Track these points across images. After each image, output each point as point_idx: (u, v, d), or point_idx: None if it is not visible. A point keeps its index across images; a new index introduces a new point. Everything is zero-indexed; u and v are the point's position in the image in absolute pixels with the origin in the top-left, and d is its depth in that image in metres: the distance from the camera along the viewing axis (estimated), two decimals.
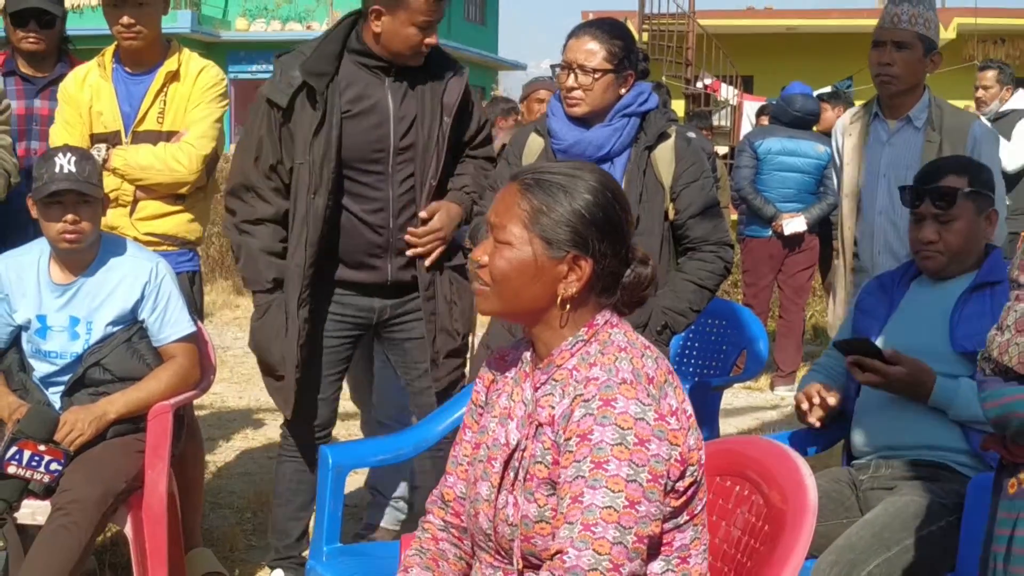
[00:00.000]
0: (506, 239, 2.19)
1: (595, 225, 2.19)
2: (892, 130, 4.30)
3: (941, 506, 3.10)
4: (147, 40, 4.23)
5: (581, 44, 3.66)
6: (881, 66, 4.25)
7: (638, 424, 2.05)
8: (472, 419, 2.43)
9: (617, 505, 2.01)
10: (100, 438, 3.69)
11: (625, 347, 2.19)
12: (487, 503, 2.25)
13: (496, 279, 2.21)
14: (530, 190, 2.20)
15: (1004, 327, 2.30)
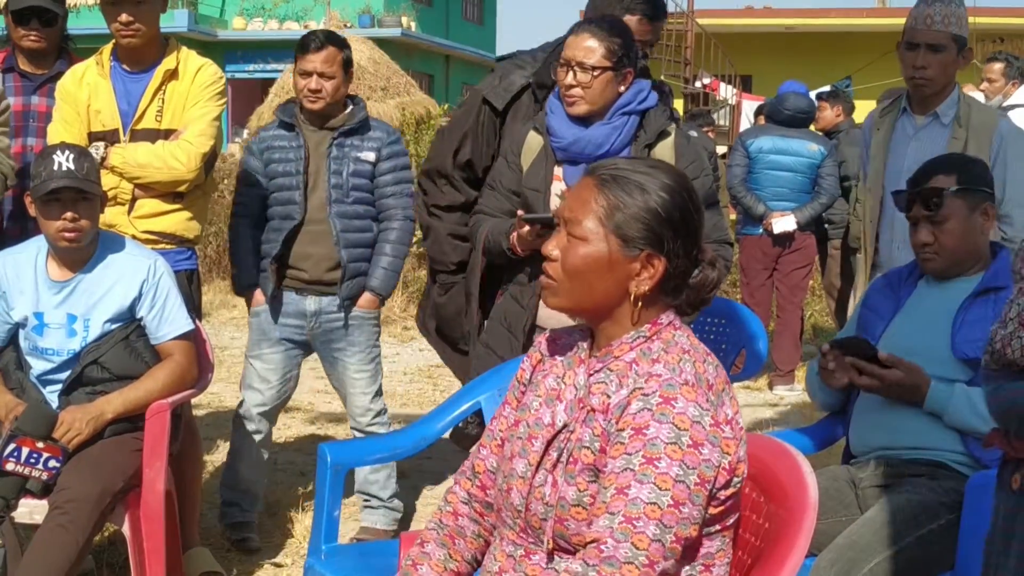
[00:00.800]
0: (581, 234, 2.19)
1: (670, 224, 2.19)
2: (919, 125, 4.29)
3: (940, 504, 3.09)
4: (145, 38, 4.22)
5: (580, 41, 3.65)
6: (916, 69, 4.21)
7: (695, 427, 2.05)
8: (514, 396, 2.43)
9: (662, 503, 2.01)
10: (98, 437, 3.68)
11: (689, 350, 2.19)
12: (522, 480, 2.24)
13: (569, 273, 2.21)
14: (607, 186, 2.20)
15: (1007, 320, 2.30)
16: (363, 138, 4.72)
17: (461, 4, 34.01)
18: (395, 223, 4.76)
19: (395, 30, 27.37)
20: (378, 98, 15.42)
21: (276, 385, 4.79)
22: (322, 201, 4.63)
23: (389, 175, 4.76)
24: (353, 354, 4.81)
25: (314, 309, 4.72)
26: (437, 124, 14.51)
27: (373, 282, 4.74)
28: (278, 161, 4.64)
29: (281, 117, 4.69)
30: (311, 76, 4.58)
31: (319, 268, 4.67)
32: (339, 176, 4.63)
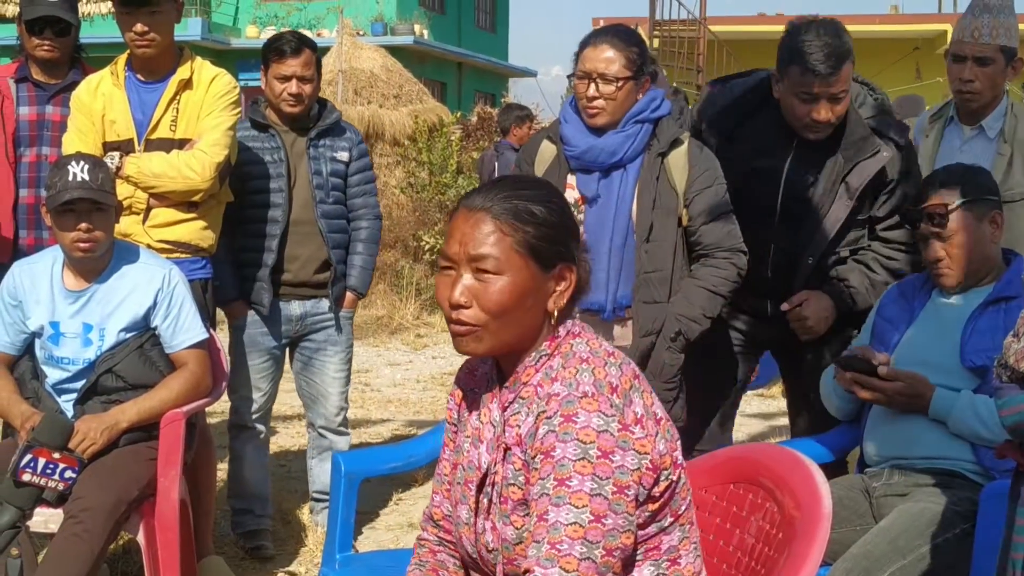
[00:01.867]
0: (496, 268, 2.11)
1: (568, 231, 2.18)
2: (966, 138, 4.27)
3: (955, 513, 3.09)
4: (160, 48, 4.23)
5: (599, 53, 3.64)
6: (963, 83, 4.19)
7: (601, 437, 2.02)
8: (449, 437, 2.39)
9: (582, 520, 1.98)
10: (112, 446, 3.69)
11: (587, 358, 2.14)
12: (467, 527, 2.24)
13: (494, 312, 2.11)
14: (505, 214, 2.13)
15: (1021, 334, 2.29)
16: (336, 138, 4.76)
17: (473, 12, 34.02)
18: (365, 222, 4.83)
19: (408, 38, 27.40)
20: (391, 106, 15.44)
21: (267, 390, 4.83)
22: (306, 202, 4.63)
23: (359, 175, 4.83)
24: (334, 354, 4.85)
25: (299, 313, 4.74)
26: (449, 132, 14.52)
27: (352, 281, 4.80)
28: (253, 163, 4.60)
29: (253, 117, 4.67)
30: (290, 80, 4.58)
31: (307, 270, 4.69)
32: (320, 176, 4.66)
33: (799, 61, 3.63)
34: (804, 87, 3.66)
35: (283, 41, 4.64)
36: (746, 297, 3.96)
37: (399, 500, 5.59)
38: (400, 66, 16.85)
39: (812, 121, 3.71)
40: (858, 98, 3.87)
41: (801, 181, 3.83)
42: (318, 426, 4.95)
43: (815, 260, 3.86)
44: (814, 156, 3.81)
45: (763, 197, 3.86)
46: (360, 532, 5.09)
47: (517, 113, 10.59)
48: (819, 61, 3.60)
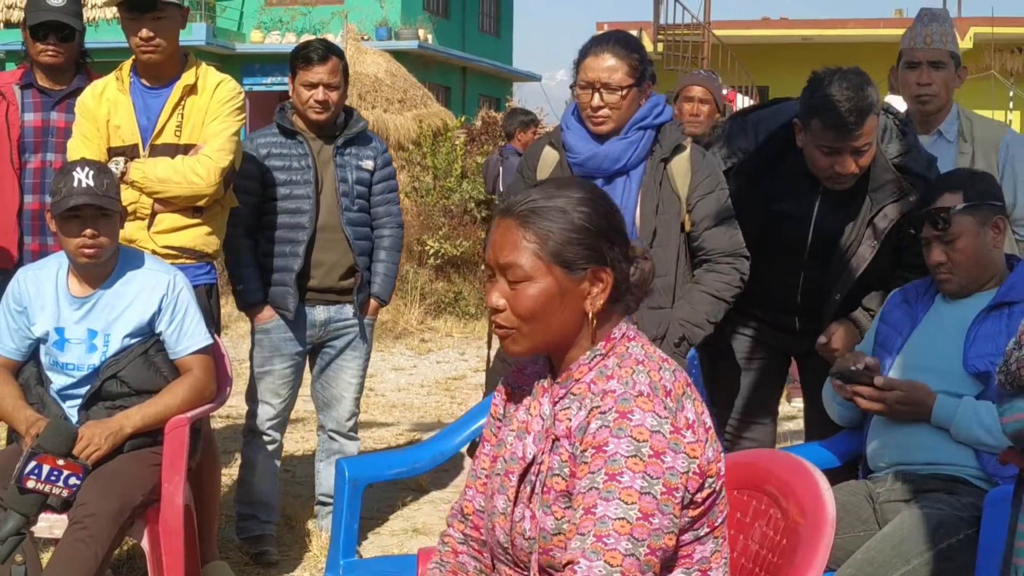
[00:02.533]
0: (523, 275, 2.17)
1: (601, 234, 2.19)
2: (926, 145, 4.30)
3: (959, 519, 3.08)
4: (165, 53, 4.24)
5: (601, 62, 3.64)
6: (921, 87, 4.29)
7: (654, 436, 2.05)
8: (491, 432, 2.43)
9: (630, 517, 2.00)
10: (117, 452, 3.69)
11: (643, 360, 2.19)
12: (503, 516, 2.25)
13: (525, 317, 2.19)
14: (529, 220, 2.18)
15: (1022, 342, 2.29)
16: (362, 147, 4.79)
17: (478, 16, 34.02)
18: (388, 230, 4.87)
19: (412, 43, 27.40)
20: (395, 110, 15.47)
21: (287, 397, 4.83)
22: (331, 208, 4.66)
23: (383, 183, 4.87)
24: (352, 360, 4.89)
25: (324, 318, 4.76)
26: (454, 136, 14.53)
27: (376, 288, 4.84)
28: (281, 169, 4.63)
29: (281, 124, 4.69)
30: (317, 88, 4.61)
31: (332, 276, 4.71)
32: (346, 184, 4.68)
33: (820, 116, 3.59)
34: (826, 141, 3.62)
35: (310, 49, 4.67)
36: (774, 314, 4.02)
37: (404, 505, 5.59)
38: (404, 71, 16.88)
39: (835, 173, 3.67)
40: (885, 134, 3.82)
41: (829, 225, 3.83)
42: (329, 429, 4.97)
43: (842, 296, 3.86)
44: (842, 199, 3.79)
45: (792, 238, 3.87)
46: (365, 538, 5.09)
47: (521, 118, 10.59)
48: (841, 117, 3.55)
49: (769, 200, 3.88)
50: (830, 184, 3.75)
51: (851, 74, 3.63)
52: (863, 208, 3.78)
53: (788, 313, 4.00)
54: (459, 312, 11.78)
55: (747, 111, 4.24)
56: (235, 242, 4.66)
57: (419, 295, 11.69)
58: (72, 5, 4.61)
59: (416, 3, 29.55)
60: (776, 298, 3.98)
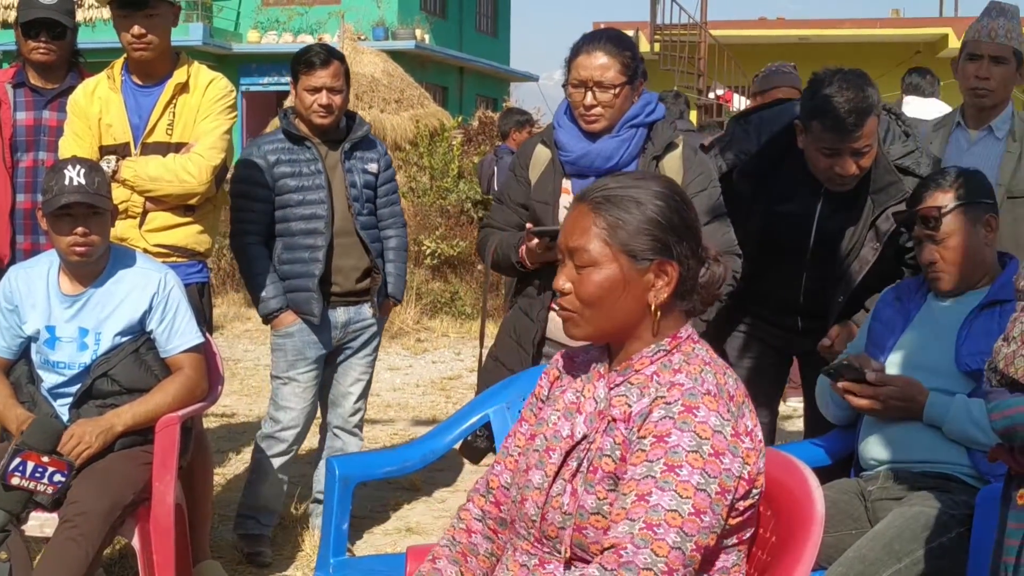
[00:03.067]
0: (590, 260, 2.20)
1: (672, 229, 2.21)
2: (973, 139, 4.29)
3: (950, 517, 3.07)
4: (157, 51, 4.23)
5: (593, 60, 3.62)
6: (979, 80, 4.25)
7: (716, 436, 2.06)
8: (531, 412, 2.44)
9: (683, 510, 2.01)
10: (108, 450, 3.69)
11: (709, 362, 2.21)
12: (538, 491, 2.25)
13: (587, 302, 2.21)
14: (602, 207, 2.21)
15: (1011, 338, 2.29)
16: (367, 150, 4.82)
17: (475, 16, 34.04)
18: (393, 230, 4.93)
19: (409, 43, 27.42)
20: (392, 110, 15.46)
21: (310, 403, 4.85)
22: (344, 213, 4.67)
23: (387, 185, 4.91)
24: (363, 357, 4.92)
25: (344, 320, 4.79)
26: (450, 136, 14.52)
27: (391, 289, 4.91)
28: (291, 175, 4.64)
29: (288, 129, 4.70)
30: (320, 92, 4.60)
31: (350, 279, 4.75)
32: (355, 188, 4.70)
33: (820, 117, 3.59)
34: (826, 142, 3.61)
35: (312, 53, 4.67)
36: (777, 314, 4.01)
37: (397, 504, 5.58)
38: (401, 71, 16.87)
39: (836, 175, 3.67)
40: (888, 135, 3.82)
41: (831, 227, 3.83)
42: (333, 426, 4.99)
43: (845, 298, 3.85)
44: (844, 201, 3.79)
45: (795, 240, 3.87)
46: (359, 537, 5.09)
47: (516, 118, 10.57)
48: (841, 118, 3.55)
49: (771, 201, 3.88)
50: (831, 186, 3.74)
51: (851, 75, 3.62)
52: (865, 210, 3.77)
53: (791, 313, 4.01)
54: (455, 312, 11.77)
55: (749, 112, 4.23)
56: (250, 250, 4.67)
57: (415, 295, 11.69)
58: (64, 3, 4.61)
59: (413, 3, 29.56)
60: (779, 298, 3.98)
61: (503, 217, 3.87)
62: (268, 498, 4.82)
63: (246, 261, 4.70)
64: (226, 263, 11.87)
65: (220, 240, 9.89)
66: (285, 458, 4.83)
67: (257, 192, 4.63)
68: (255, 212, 4.64)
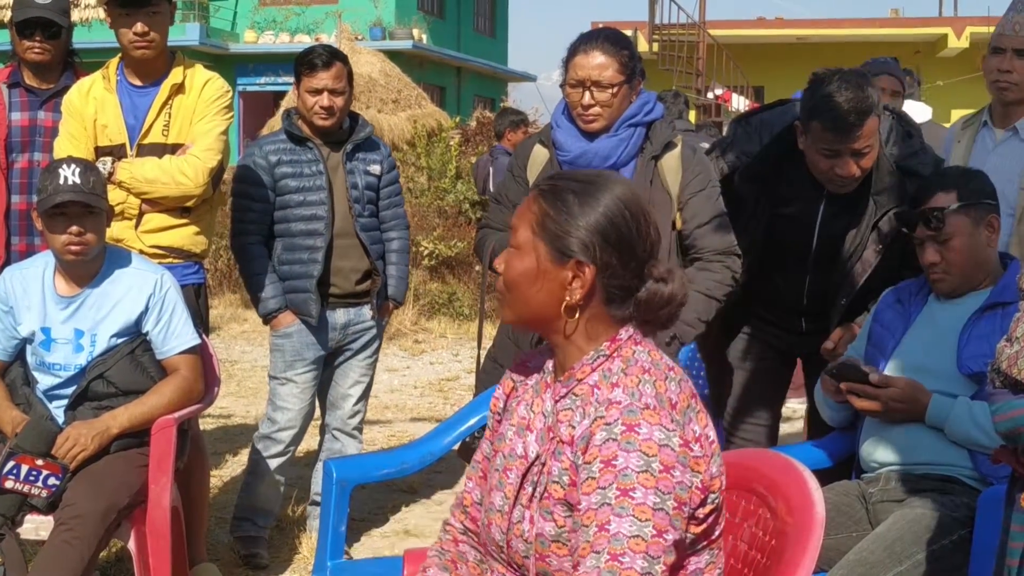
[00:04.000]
0: (516, 243, 2.19)
1: (601, 234, 2.14)
2: (999, 140, 4.26)
3: (952, 519, 3.06)
4: (158, 49, 4.20)
5: (590, 60, 3.60)
6: (1001, 73, 4.21)
7: (663, 451, 2.01)
8: (491, 426, 2.41)
9: (645, 534, 1.96)
10: (103, 452, 3.67)
11: (649, 368, 2.14)
12: (500, 514, 2.22)
13: (508, 284, 2.20)
14: (544, 196, 2.18)
15: (1013, 339, 2.27)
16: (369, 152, 4.81)
17: (473, 16, 34.04)
18: (395, 232, 4.93)
19: (406, 42, 27.42)
20: (389, 111, 15.45)
21: (308, 404, 4.83)
22: (345, 215, 4.67)
23: (390, 187, 4.91)
24: (363, 359, 4.91)
25: (344, 321, 4.77)
26: (448, 137, 14.51)
27: (391, 291, 4.90)
28: (292, 176, 4.63)
29: (290, 130, 4.68)
30: (321, 93, 4.59)
31: (349, 281, 4.74)
32: (357, 189, 4.69)
33: (820, 117, 3.57)
34: (826, 143, 3.59)
35: (314, 55, 4.66)
36: (781, 315, 4.00)
37: (395, 507, 5.56)
38: (399, 71, 16.86)
39: (836, 176, 3.65)
40: (890, 135, 3.80)
41: (834, 229, 3.81)
42: (332, 428, 4.98)
43: (848, 301, 3.83)
44: (846, 203, 3.76)
45: (797, 242, 3.85)
46: (357, 539, 5.07)
47: (512, 118, 10.57)
48: (840, 118, 3.53)
49: (774, 203, 3.86)
50: (832, 187, 3.72)
51: (851, 75, 3.60)
52: (867, 212, 3.75)
53: (794, 315, 3.99)
54: (453, 313, 11.75)
55: (751, 113, 4.21)
56: (249, 250, 4.66)
57: (413, 296, 11.67)
58: (59, 2, 4.57)
59: (410, 3, 29.56)
60: (782, 299, 3.97)
61: (501, 217, 3.85)
62: (265, 500, 4.80)
63: (246, 261, 4.69)
64: (223, 264, 11.85)
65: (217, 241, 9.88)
66: (282, 459, 4.80)
67: (258, 192, 4.63)
68: (255, 212, 4.64)
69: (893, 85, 5.95)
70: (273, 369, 4.79)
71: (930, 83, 18.59)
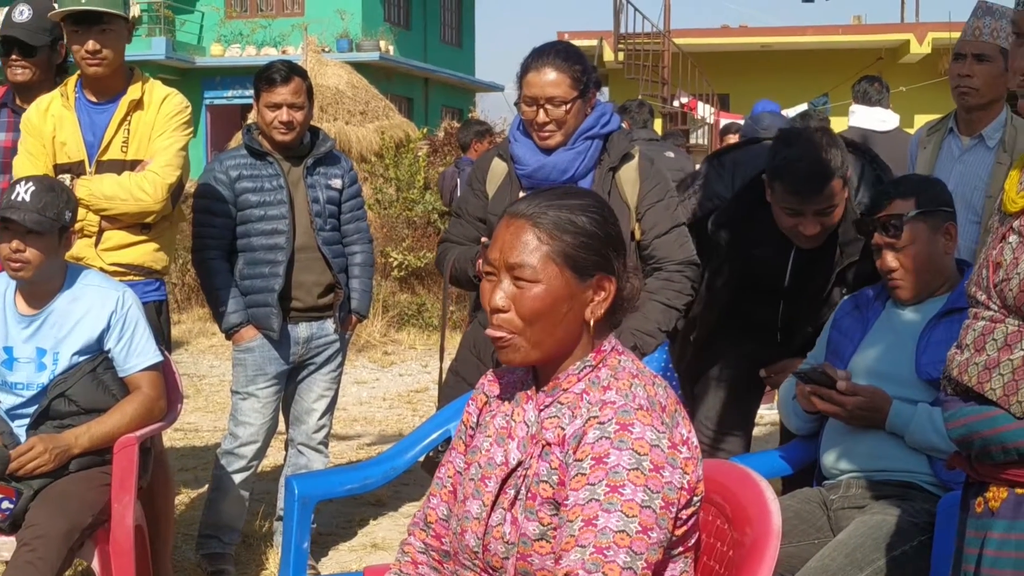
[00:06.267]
0: (532, 276, 2.15)
1: (609, 242, 2.19)
2: (964, 147, 4.28)
3: (912, 525, 3.08)
4: (111, 67, 4.18)
5: (543, 77, 3.60)
6: (960, 78, 4.23)
7: (654, 450, 2.04)
8: (461, 440, 2.40)
9: (630, 530, 1.98)
10: (63, 471, 3.64)
11: (637, 374, 2.18)
12: (477, 521, 2.22)
13: (529, 320, 2.16)
14: (543, 222, 2.17)
15: (963, 346, 2.28)
16: (330, 166, 4.81)
17: (439, 27, 34.02)
18: (358, 246, 4.92)
19: (373, 54, 27.38)
20: (357, 122, 15.41)
21: (270, 418, 4.81)
22: (306, 228, 4.66)
23: (352, 201, 4.90)
24: (327, 373, 4.90)
25: (306, 335, 4.76)
26: (416, 148, 14.49)
27: (355, 304, 4.89)
28: (253, 190, 4.62)
29: (250, 145, 4.68)
30: (281, 108, 4.59)
31: (312, 295, 4.73)
32: (318, 203, 4.69)
33: (781, 179, 3.59)
34: (788, 203, 3.61)
35: (273, 70, 4.66)
36: (755, 332, 4.03)
37: (362, 520, 5.55)
38: (366, 82, 16.81)
39: (800, 233, 3.67)
40: (860, 181, 3.81)
41: (804, 273, 3.84)
42: (297, 443, 4.96)
43: (814, 329, 3.84)
44: (816, 249, 3.78)
45: (770, 282, 3.89)
46: (324, 553, 5.06)
47: (476, 128, 10.54)
48: (801, 182, 3.55)
49: (746, 246, 3.88)
50: (797, 242, 3.75)
51: (816, 134, 3.62)
52: (835, 259, 3.79)
53: (770, 331, 4.03)
54: (422, 324, 11.74)
55: (723, 152, 4.21)
56: (211, 265, 4.65)
57: (382, 307, 11.65)
58: (37, 21, 4.52)
59: (377, 14, 29.54)
60: (758, 323, 4.01)
61: (461, 231, 3.86)
62: (230, 516, 4.78)
63: (207, 276, 4.68)
64: (191, 278, 11.78)
65: (184, 256, 9.84)
66: (246, 474, 4.79)
67: (219, 207, 4.62)
68: (216, 227, 4.63)
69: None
70: (235, 384, 4.78)
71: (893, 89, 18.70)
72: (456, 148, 14.13)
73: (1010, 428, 2.21)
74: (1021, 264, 2.21)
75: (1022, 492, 2.25)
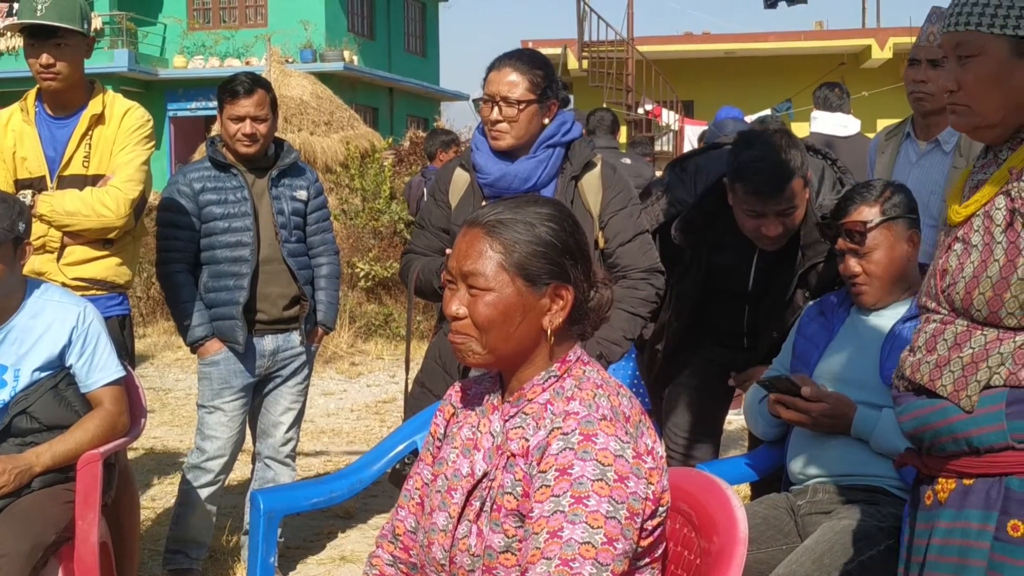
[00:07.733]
0: (485, 285, 2.17)
1: (567, 251, 2.19)
2: (921, 152, 4.30)
3: (879, 530, 3.08)
4: (68, 82, 4.15)
5: (502, 76, 3.63)
6: (915, 83, 4.25)
7: (618, 461, 2.04)
8: (428, 452, 2.40)
9: (595, 541, 1.98)
10: (26, 489, 3.60)
11: (601, 384, 2.18)
12: (443, 533, 2.22)
13: (483, 327, 2.18)
14: (496, 231, 2.18)
15: (916, 348, 2.36)
16: (295, 178, 4.78)
17: (403, 37, 34.03)
18: (324, 258, 4.91)
19: (338, 64, 27.36)
20: (322, 132, 15.39)
21: (237, 432, 4.79)
22: (271, 240, 4.65)
23: (317, 212, 4.89)
24: (293, 386, 4.88)
25: (272, 348, 4.74)
26: (382, 157, 14.48)
27: (321, 316, 4.87)
28: (217, 203, 4.60)
29: (214, 157, 4.65)
30: (244, 121, 4.57)
31: (277, 307, 4.71)
32: (283, 215, 4.67)
33: (742, 181, 3.61)
34: (749, 205, 3.64)
35: (236, 82, 4.64)
36: (722, 337, 4.05)
37: (331, 532, 5.53)
38: (330, 93, 16.81)
39: (762, 235, 3.70)
40: (821, 183, 3.83)
41: (768, 277, 3.87)
42: (264, 456, 4.93)
43: (779, 333, 3.87)
44: (778, 252, 3.81)
45: (734, 286, 3.91)
46: (292, 567, 5.03)
47: (442, 138, 10.53)
48: (761, 183, 3.58)
49: (709, 252, 3.90)
50: (760, 244, 3.77)
51: (775, 136, 3.64)
52: (797, 261, 3.81)
53: (736, 336, 4.04)
54: (389, 334, 11.71)
55: (686, 157, 4.23)
56: (175, 278, 4.62)
57: (349, 318, 11.61)
58: None
59: (340, 25, 29.51)
60: (723, 329, 4.03)
61: (425, 242, 3.85)
62: (197, 530, 4.75)
63: (171, 289, 4.65)
64: (155, 291, 11.71)
65: (148, 269, 9.78)
66: (213, 488, 4.76)
67: (182, 220, 4.60)
68: (181, 240, 4.60)
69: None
70: (201, 397, 4.75)
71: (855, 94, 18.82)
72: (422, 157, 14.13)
73: (960, 418, 2.27)
74: (966, 268, 2.28)
75: (969, 483, 2.30)
